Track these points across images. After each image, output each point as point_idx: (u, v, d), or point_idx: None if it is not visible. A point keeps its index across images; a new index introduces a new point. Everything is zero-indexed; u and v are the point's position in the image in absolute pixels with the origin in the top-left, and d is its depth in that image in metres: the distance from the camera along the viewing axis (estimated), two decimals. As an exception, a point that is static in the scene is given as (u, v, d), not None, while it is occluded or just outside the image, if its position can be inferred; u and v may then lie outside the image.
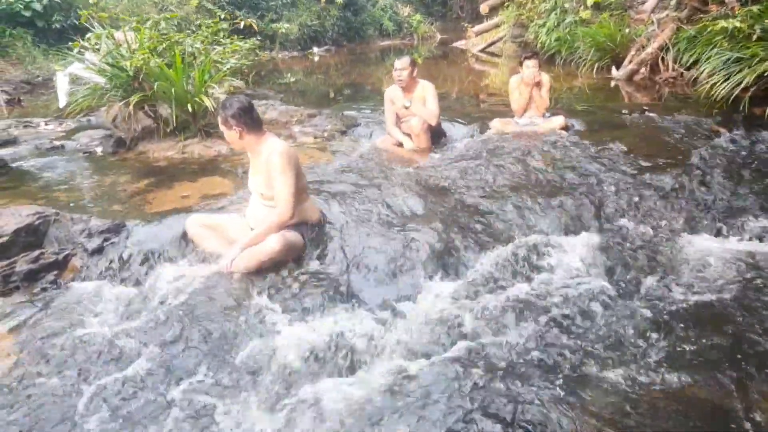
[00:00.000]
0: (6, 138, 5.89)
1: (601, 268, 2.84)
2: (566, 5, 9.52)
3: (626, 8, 8.22)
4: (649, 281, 2.73)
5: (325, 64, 14.77)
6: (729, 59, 4.96)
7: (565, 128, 5.01)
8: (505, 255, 2.92)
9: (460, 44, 15.49)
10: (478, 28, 13.97)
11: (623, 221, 3.26)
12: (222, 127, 3.00)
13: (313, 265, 2.98)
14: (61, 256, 3.10)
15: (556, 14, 9.74)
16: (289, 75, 11.29)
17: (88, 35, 4.58)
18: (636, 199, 3.44)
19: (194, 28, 5.03)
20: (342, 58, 15.76)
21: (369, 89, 9.67)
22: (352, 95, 9.09)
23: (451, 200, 3.57)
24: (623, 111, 5.51)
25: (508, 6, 11.71)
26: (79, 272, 3.06)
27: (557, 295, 2.62)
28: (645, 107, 5.55)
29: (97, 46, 4.50)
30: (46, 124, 6.49)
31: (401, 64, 4.74)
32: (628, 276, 2.80)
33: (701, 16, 6.41)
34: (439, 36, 19.85)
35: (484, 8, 12.84)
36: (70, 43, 4.97)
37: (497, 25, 13.21)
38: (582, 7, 8.89)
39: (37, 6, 11.27)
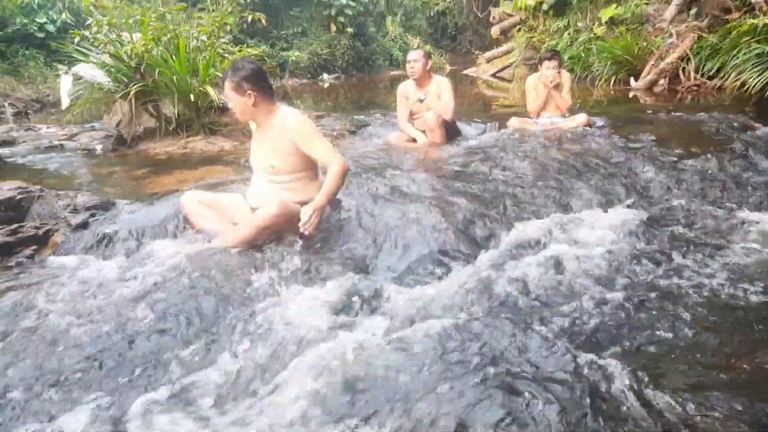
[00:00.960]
0: (5, 139, 5.72)
1: (645, 244, 2.49)
2: (579, 24, 9.43)
3: (642, 22, 8.07)
4: (710, 260, 2.36)
5: (334, 90, 14.78)
6: (762, 53, 4.71)
7: (588, 126, 4.73)
8: (533, 229, 2.58)
9: (470, 72, 15.44)
10: (488, 54, 13.94)
11: (665, 202, 2.93)
12: (231, 94, 2.64)
13: (321, 242, 2.66)
14: (41, 231, 2.81)
15: (569, 33, 9.64)
16: (299, 102, 11.21)
17: (88, 22, 4.41)
18: (676, 181, 3.12)
19: (198, 34, 4.81)
20: (351, 84, 15.79)
21: (379, 106, 9.54)
22: (362, 109, 8.95)
23: (471, 182, 3.25)
24: (648, 111, 5.24)
25: (519, 29, 11.68)
26: (60, 247, 2.75)
27: (593, 272, 2.27)
28: (670, 108, 5.28)
29: (97, 34, 4.32)
30: (48, 128, 6.32)
31: (414, 55, 4.52)
32: (676, 251, 2.44)
33: (726, 18, 6.21)
34: (448, 67, 19.95)
35: (495, 31, 12.83)
36: (70, 32, 4.81)
37: (508, 52, 13.17)
38: (596, 24, 8.78)
39: (51, 28, 11.39)
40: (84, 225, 2.84)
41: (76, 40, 4.45)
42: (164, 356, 1.84)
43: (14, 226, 2.78)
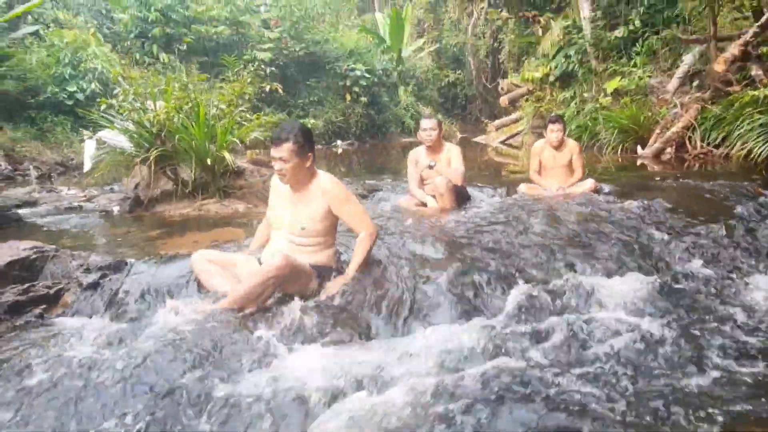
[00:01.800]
0: (26, 200, 5.90)
1: (655, 309, 2.45)
2: (585, 94, 9.72)
3: (646, 93, 8.31)
4: (716, 322, 2.32)
5: (348, 156, 15.16)
6: (766, 123, 4.80)
7: (596, 191, 4.78)
8: (541, 293, 2.56)
9: (480, 139, 15.82)
10: (497, 122, 14.34)
11: (677, 267, 2.90)
12: (289, 155, 2.58)
13: (327, 303, 2.65)
14: (52, 291, 2.84)
15: (575, 103, 9.92)
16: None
17: (116, 91, 4.67)
18: (687, 246, 3.11)
19: (218, 102, 5.05)
20: (364, 150, 16.21)
21: (390, 172, 9.73)
22: (374, 174, 9.13)
23: (478, 246, 3.26)
24: (656, 178, 5.29)
25: (527, 99, 12.04)
26: (70, 307, 2.77)
27: (602, 333, 2.22)
28: (678, 175, 5.33)
29: (123, 102, 4.55)
30: (69, 190, 6.51)
31: (429, 123, 4.65)
32: (689, 316, 2.40)
33: (728, 90, 6.38)
34: (459, 134, 20.44)
35: (503, 101, 13.25)
36: (98, 100, 5.07)
37: (516, 120, 13.52)
38: (602, 95, 9.04)
39: (80, 96, 11.97)
40: (95, 285, 2.87)
41: (103, 107, 4.69)
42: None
43: (26, 285, 2.82)
